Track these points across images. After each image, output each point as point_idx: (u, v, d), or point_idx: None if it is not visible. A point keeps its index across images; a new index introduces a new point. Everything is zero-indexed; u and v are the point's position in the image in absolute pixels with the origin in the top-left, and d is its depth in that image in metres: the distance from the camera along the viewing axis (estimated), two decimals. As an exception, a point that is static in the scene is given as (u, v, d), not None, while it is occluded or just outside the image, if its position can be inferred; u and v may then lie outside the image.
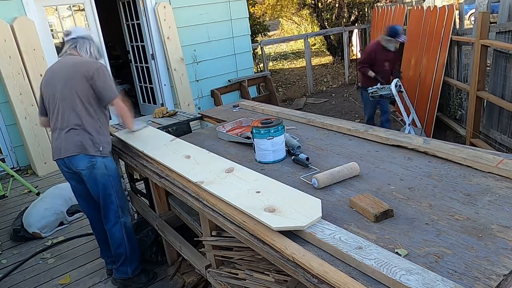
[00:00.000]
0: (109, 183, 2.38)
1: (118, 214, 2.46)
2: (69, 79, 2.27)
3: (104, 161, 2.34)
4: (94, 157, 2.29)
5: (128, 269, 2.54)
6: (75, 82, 2.25)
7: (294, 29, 15.38)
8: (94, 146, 2.30)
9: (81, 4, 5.42)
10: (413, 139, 1.98)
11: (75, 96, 2.26)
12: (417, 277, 1.05)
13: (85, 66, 2.29)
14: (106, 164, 2.36)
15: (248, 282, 1.73)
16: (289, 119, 2.65)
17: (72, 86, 2.26)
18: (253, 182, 1.71)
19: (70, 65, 2.33)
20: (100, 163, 2.32)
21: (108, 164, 2.37)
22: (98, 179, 2.34)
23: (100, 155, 2.32)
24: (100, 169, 2.33)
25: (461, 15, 5.03)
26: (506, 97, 3.78)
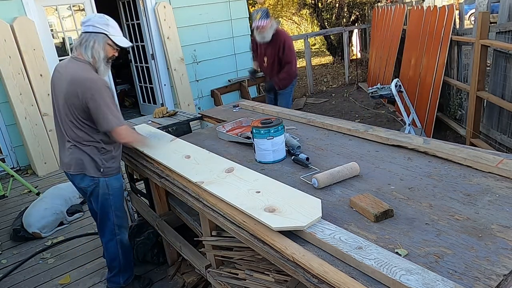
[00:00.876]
0: (107, 203, 2.30)
1: (114, 231, 2.39)
2: (67, 94, 2.07)
3: (107, 180, 2.25)
4: (95, 178, 2.21)
5: (120, 279, 2.52)
6: (72, 101, 2.06)
7: (294, 29, 15.38)
8: (95, 167, 2.20)
9: (81, 4, 5.43)
10: (413, 139, 1.98)
11: (73, 114, 2.09)
12: (417, 277, 1.05)
13: (80, 86, 2.03)
14: (108, 183, 2.26)
15: (248, 282, 1.73)
16: (289, 119, 2.65)
17: (70, 104, 2.08)
18: (253, 182, 1.71)
19: (69, 78, 2.06)
20: (102, 182, 2.24)
21: (110, 183, 2.27)
22: (98, 197, 2.28)
23: (102, 176, 2.22)
24: (102, 189, 2.25)
25: (461, 15, 5.03)
26: (506, 97, 3.78)
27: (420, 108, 5.18)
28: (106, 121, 2.05)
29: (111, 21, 2.14)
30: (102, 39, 2.10)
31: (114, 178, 2.29)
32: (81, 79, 2.04)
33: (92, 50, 2.09)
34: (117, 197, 2.34)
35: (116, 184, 2.31)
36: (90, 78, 2.05)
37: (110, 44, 2.13)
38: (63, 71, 2.13)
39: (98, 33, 2.09)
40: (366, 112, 6.38)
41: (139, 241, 2.82)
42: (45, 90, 4.73)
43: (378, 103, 6.63)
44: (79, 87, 2.02)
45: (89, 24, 2.09)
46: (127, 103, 7.68)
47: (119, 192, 2.36)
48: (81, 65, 2.09)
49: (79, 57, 2.11)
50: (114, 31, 2.13)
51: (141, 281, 2.62)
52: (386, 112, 6.23)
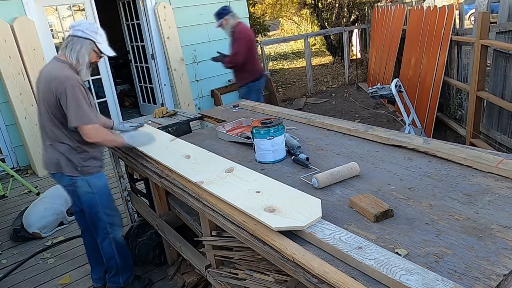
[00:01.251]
0: (94, 201, 2.27)
1: (106, 230, 2.37)
2: (44, 93, 2.11)
3: (87, 179, 2.22)
4: (73, 177, 2.20)
5: (120, 279, 2.52)
6: (48, 99, 2.09)
7: (294, 29, 15.38)
8: (72, 166, 2.19)
9: (81, 4, 5.43)
10: (413, 139, 1.98)
11: (49, 112, 2.12)
12: (417, 277, 1.05)
13: (54, 82, 2.06)
14: (90, 182, 2.23)
15: (248, 282, 1.73)
16: (289, 119, 2.65)
17: (46, 102, 2.11)
18: (253, 182, 1.71)
19: (48, 76, 2.11)
20: (81, 181, 2.22)
21: (92, 181, 2.24)
22: (81, 197, 2.26)
23: (80, 175, 2.20)
24: (82, 188, 2.23)
25: (461, 15, 5.03)
26: (506, 97, 3.78)
27: (420, 108, 5.18)
28: (74, 117, 2.06)
29: (100, 30, 2.23)
30: (89, 45, 2.16)
31: (95, 176, 2.27)
32: (56, 75, 2.08)
33: (77, 53, 2.14)
34: (104, 195, 2.32)
35: (98, 182, 2.29)
36: (64, 75, 2.08)
37: (95, 51, 2.20)
38: (43, 71, 2.19)
39: (86, 39, 2.15)
40: (366, 112, 6.38)
41: (141, 241, 2.82)
42: (45, 90, 4.73)
43: (378, 103, 6.63)
44: (53, 83, 2.06)
45: (79, 29, 2.14)
46: (127, 103, 7.68)
47: (105, 190, 2.34)
48: (61, 64, 2.13)
49: (61, 58, 2.16)
50: (101, 39, 2.21)
51: (141, 281, 2.62)
52: (386, 112, 6.23)
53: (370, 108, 6.55)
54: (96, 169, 2.28)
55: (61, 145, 2.17)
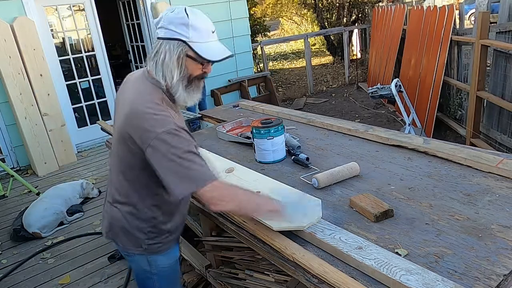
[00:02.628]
0: (151, 284, 1.56)
1: None
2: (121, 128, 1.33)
3: (148, 258, 1.49)
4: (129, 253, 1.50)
5: None
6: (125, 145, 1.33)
7: (294, 29, 15.38)
8: (135, 242, 1.45)
9: (81, 4, 5.42)
10: (413, 139, 1.98)
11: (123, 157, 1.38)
12: (417, 277, 1.05)
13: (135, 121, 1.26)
14: (151, 260, 1.49)
15: (248, 282, 1.73)
16: (289, 119, 2.65)
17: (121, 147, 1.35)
18: (253, 182, 1.71)
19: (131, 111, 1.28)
20: (139, 258, 1.50)
21: (155, 260, 1.50)
22: (136, 272, 1.60)
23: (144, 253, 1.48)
24: (140, 264, 1.52)
25: (461, 15, 5.03)
26: (506, 97, 3.78)
27: (420, 108, 5.18)
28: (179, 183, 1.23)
29: (195, 19, 1.31)
30: (177, 49, 1.29)
31: (163, 255, 1.52)
32: (141, 113, 1.26)
33: (162, 67, 1.31)
34: (167, 276, 1.58)
35: (164, 263, 1.54)
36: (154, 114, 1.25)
37: (191, 56, 1.30)
38: (127, 91, 1.40)
39: (171, 40, 1.29)
40: (366, 112, 6.38)
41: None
42: (45, 90, 4.73)
43: (378, 103, 6.63)
44: (137, 125, 1.26)
45: (162, 25, 1.31)
46: (127, 103, 7.67)
47: (170, 272, 1.58)
48: (149, 87, 1.33)
49: (151, 75, 1.35)
50: (197, 35, 1.30)
51: None
52: (386, 112, 6.23)
53: (370, 108, 6.55)
54: (168, 245, 1.53)
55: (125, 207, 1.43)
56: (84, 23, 5.67)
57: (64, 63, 5.30)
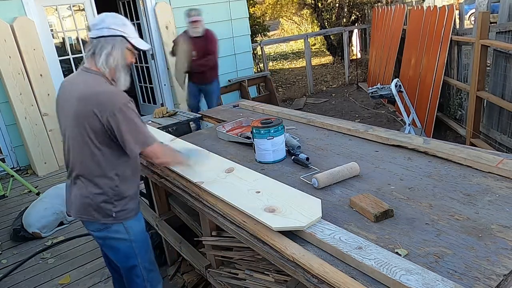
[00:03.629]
0: (131, 251, 1.80)
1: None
2: (78, 115, 1.63)
3: (124, 223, 1.76)
4: (105, 224, 1.73)
5: None
6: (86, 122, 1.61)
7: (294, 29, 15.39)
8: (104, 211, 1.71)
9: (81, 4, 5.42)
10: (413, 139, 1.98)
11: (87, 139, 1.64)
12: (417, 277, 1.05)
13: (96, 102, 1.59)
14: (128, 227, 1.77)
15: (248, 282, 1.73)
16: (289, 119, 2.65)
17: (83, 125, 1.62)
18: (253, 182, 1.71)
19: (78, 95, 1.63)
20: (115, 227, 1.75)
21: (130, 226, 1.78)
22: (115, 247, 1.79)
23: (115, 221, 1.73)
24: (117, 234, 1.76)
25: (461, 15, 5.03)
26: (506, 97, 3.78)
27: (420, 108, 5.18)
28: (134, 142, 1.63)
29: (127, 21, 1.76)
30: (120, 43, 1.68)
31: (133, 221, 1.80)
32: (96, 93, 1.61)
33: (109, 58, 1.66)
34: (142, 242, 1.84)
35: (137, 227, 1.82)
36: (106, 91, 1.63)
37: (129, 48, 1.71)
38: (70, 87, 1.71)
39: (115, 36, 1.67)
40: (366, 112, 6.39)
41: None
42: (45, 90, 4.73)
43: (378, 103, 6.63)
44: (95, 104, 1.59)
45: (103, 26, 1.66)
46: (127, 103, 7.67)
47: (143, 236, 1.86)
48: (93, 77, 1.68)
49: (92, 69, 1.69)
50: (131, 32, 1.73)
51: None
52: (386, 112, 6.23)
53: (370, 108, 6.55)
54: (135, 210, 1.83)
55: (94, 183, 1.69)
56: (84, 23, 5.67)
57: (64, 63, 5.30)
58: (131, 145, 1.63)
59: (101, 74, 1.68)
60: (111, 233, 1.75)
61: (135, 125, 1.63)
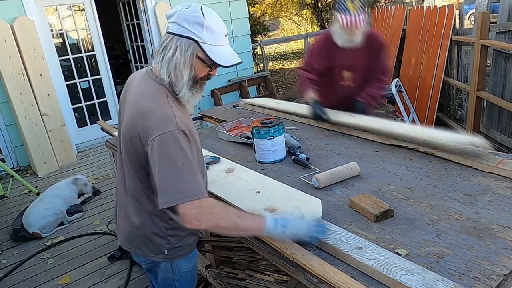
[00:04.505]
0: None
1: None
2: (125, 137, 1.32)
3: (173, 263, 1.45)
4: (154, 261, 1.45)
5: None
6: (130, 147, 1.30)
7: (294, 29, 15.39)
8: (154, 248, 1.41)
9: (81, 4, 5.42)
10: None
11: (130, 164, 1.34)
12: (417, 277, 1.05)
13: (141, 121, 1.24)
14: (175, 266, 1.46)
15: (248, 282, 1.73)
16: (289, 119, 2.65)
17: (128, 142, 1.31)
18: (253, 182, 1.71)
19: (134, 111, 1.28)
20: (165, 266, 1.46)
21: (178, 266, 1.47)
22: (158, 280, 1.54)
23: (166, 259, 1.43)
24: (163, 272, 1.48)
25: (461, 15, 5.04)
26: (506, 97, 3.78)
27: (420, 108, 5.18)
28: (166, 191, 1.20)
29: (211, 20, 1.27)
30: (188, 48, 1.24)
31: (184, 260, 1.48)
32: (145, 116, 1.23)
33: (170, 63, 1.26)
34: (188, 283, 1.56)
35: (186, 267, 1.51)
36: (158, 114, 1.23)
37: (201, 57, 1.26)
38: (131, 91, 1.38)
39: (184, 38, 1.24)
40: (366, 112, 6.38)
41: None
42: (45, 90, 4.73)
43: (378, 103, 6.63)
44: (141, 125, 1.23)
45: (174, 20, 1.25)
46: (127, 103, 7.67)
47: (191, 276, 1.56)
48: (155, 88, 1.30)
49: (155, 74, 1.32)
50: (210, 36, 1.25)
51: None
52: (386, 112, 6.23)
53: (370, 108, 6.54)
54: (190, 248, 1.49)
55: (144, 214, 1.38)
56: (84, 23, 5.67)
57: (64, 63, 5.30)
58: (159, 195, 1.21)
59: (163, 82, 1.30)
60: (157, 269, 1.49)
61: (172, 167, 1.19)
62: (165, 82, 1.29)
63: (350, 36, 2.26)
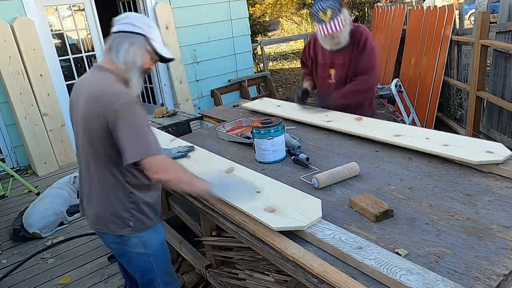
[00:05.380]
0: (149, 266, 1.68)
1: None
2: (85, 118, 1.50)
3: (141, 236, 1.61)
4: (122, 236, 1.60)
5: None
6: (92, 126, 1.48)
7: (294, 29, 15.39)
8: (120, 222, 1.57)
9: (81, 4, 5.42)
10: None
11: (93, 145, 1.51)
12: (417, 277, 1.05)
13: (100, 103, 1.44)
14: (144, 240, 1.62)
15: (248, 282, 1.73)
16: (289, 119, 2.65)
17: (88, 130, 1.50)
18: (253, 182, 1.71)
19: (91, 94, 1.49)
20: (133, 240, 1.60)
21: (146, 239, 1.62)
22: (132, 260, 1.67)
23: (132, 232, 1.59)
24: (134, 248, 1.62)
25: (461, 15, 5.04)
26: (506, 97, 3.78)
27: (420, 108, 5.18)
28: (133, 148, 1.41)
29: (153, 24, 1.62)
30: (141, 42, 1.54)
31: (151, 232, 1.64)
32: (102, 93, 1.46)
33: (125, 54, 1.52)
34: (161, 256, 1.71)
35: (156, 239, 1.67)
36: (113, 92, 1.46)
37: (149, 50, 1.57)
38: (81, 85, 1.59)
39: (137, 34, 1.53)
40: (366, 112, 6.37)
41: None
42: (45, 90, 4.73)
43: (378, 103, 6.63)
44: (99, 105, 1.44)
45: (127, 22, 1.55)
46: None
47: (162, 249, 1.72)
48: (106, 75, 1.53)
49: (106, 66, 1.55)
50: (156, 36, 1.59)
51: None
52: (386, 112, 6.23)
53: (370, 108, 6.54)
54: (153, 221, 1.66)
55: (107, 192, 1.56)
56: (84, 23, 5.67)
57: (64, 63, 5.30)
58: (128, 152, 1.41)
59: (113, 71, 1.53)
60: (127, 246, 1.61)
61: (137, 128, 1.43)
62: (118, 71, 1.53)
63: (333, 40, 2.40)
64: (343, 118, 2.40)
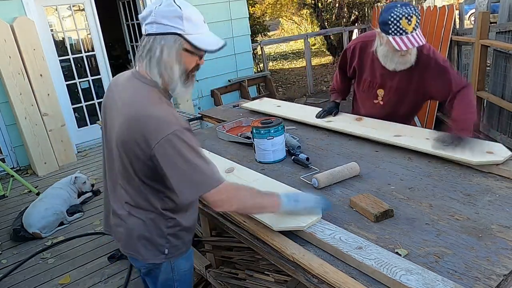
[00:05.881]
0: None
1: None
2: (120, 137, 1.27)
3: (172, 263, 1.45)
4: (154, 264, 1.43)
5: None
6: (128, 149, 1.25)
7: (294, 29, 15.37)
8: (156, 249, 1.39)
9: (81, 4, 5.42)
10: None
11: (129, 167, 1.29)
12: (417, 277, 1.05)
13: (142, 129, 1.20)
14: (175, 267, 1.46)
15: (248, 282, 1.73)
16: (289, 119, 2.65)
17: (124, 149, 1.27)
18: (253, 182, 1.71)
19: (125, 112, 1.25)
20: (166, 267, 1.44)
21: (177, 266, 1.47)
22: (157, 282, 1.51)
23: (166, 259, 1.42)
24: (164, 274, 1.46)
25: (461, 15, 5.04)
26: (506, 97, 3.78)
27: (420, 108, 5.17)
28: (189, 186, 1.21)
29: (187, 10, 1.24)
30: (174, 44, 1.24)
31: (183, 259, 1.49)
32: (143, 117, 1.20)
33: (158, 65, 1.26)
34: (187, 282, 1.56)
35: (185, 266, 1.51)
36: (159, 117, 1.20)
37: (188, 49, 1.26)
38: (118, 95, 1.34)
39: (167, 34, 1.24)
40: (366, 112, 6.37)
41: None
42: (45, 90, 4.73)
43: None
44: (142, 133, 1.20)
45: (152, 20, 1.25)
46: (127, 103, 7.67)
47: (189, 276, 1.57)
48: (145, 89, 1.28)
49: (142, 75, 1.31)
50: (191, 26, 1.25)
51: None
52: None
53: (370, 108, 6.54)
54: (187, 245, 1.50)
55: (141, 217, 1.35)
56: (84, 23, 5.66)
57: (64, 63, 5.29)
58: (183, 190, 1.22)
59: (154, 84, 1.29)
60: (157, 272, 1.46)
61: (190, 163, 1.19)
62: (157, 84, 1.28)
63: (403, 58, 1.92)
64: (343, 118, 2.41)
